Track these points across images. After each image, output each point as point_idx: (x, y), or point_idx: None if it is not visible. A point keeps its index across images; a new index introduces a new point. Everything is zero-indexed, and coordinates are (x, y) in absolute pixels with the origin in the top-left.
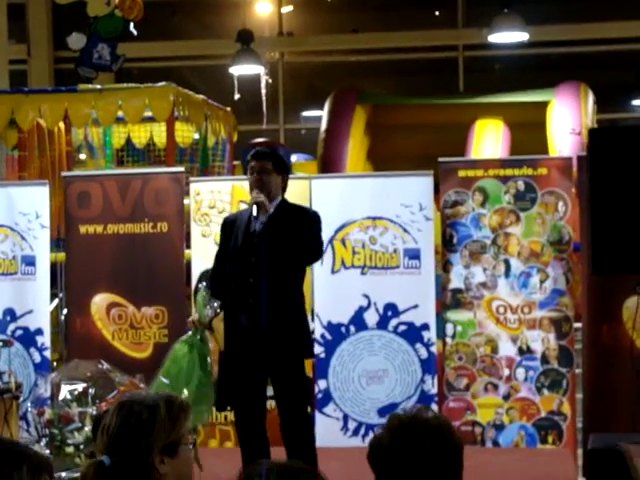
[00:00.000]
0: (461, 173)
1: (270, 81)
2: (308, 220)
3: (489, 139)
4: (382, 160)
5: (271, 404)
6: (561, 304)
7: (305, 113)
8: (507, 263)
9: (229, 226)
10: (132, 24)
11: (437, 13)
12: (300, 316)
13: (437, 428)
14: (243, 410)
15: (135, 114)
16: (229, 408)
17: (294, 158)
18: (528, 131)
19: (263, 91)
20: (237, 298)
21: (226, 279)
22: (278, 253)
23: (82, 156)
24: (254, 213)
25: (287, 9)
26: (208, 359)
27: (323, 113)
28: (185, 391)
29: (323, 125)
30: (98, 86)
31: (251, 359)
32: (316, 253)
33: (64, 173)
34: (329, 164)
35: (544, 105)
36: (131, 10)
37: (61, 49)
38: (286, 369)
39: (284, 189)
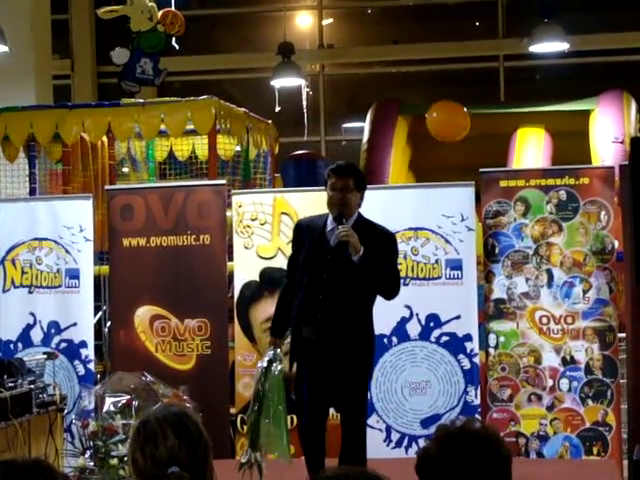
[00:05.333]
0: (502, 183)
1: (311, 93)
2: (388, 247)
3: (531, 148)
4: (424, 171)
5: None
6: (605, 314)
7: (346, 125)
8: (550, 273)
9: (304, 231)
10: (174, 39)
11: (477, 24)
12: (368, 337)
13: (485, 439)
14: (310, 420)
15: (177, 127)
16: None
17: None
18: (571, 140)
19: (304, 103)
20: (304, 312)
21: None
22: (352, 275)
23: (125, 169)
24: (332, 241)
25: (327, 21)
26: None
27: (365, 124)
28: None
29: (365, 136)
30: (141, 100)
31: (314, 371)
32: (396, 289)
33: (107, 187)
34: (371, 175)
35: (587, 114)
36: (173, 25)
37: (104, 64)
38: (350, 385)
39: (360, 204)
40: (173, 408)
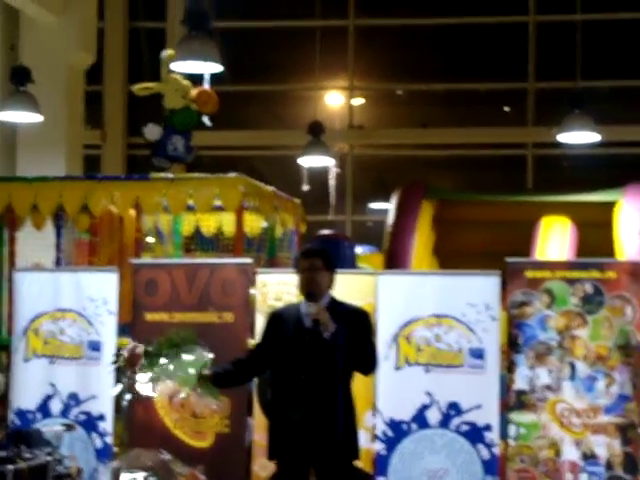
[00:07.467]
0: (529, 274)
1: (339, 172)
2: (362, 324)
3: (555, 237)
4: (448, 255)
5: None
6: (627, 410)
7: (372, 205)
8: (573, 366)
9: (277, 320)
10: (206, 117)
11: (507, 110)
12: (351, 415)
13: None
14: None
15: (205, 203)
16: None
17: (359, 250)
18: (596, 231)
19: (331, 182)
20: (287, 394)
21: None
22: (332, 354)
23: (150, 239)
24: (307, 323)
25: (358, 102)
26: None
27: (390, 207)
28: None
29: (390, 219)
30: (170, 175)
31: (298, 454)
32: (374, 364)
33: (133, 260)
34: (395, 258)
35: (612, 205)
36: (206, 104)
37: (134, 135)
38: (335, 470)
39: (331, 286)
40: None
